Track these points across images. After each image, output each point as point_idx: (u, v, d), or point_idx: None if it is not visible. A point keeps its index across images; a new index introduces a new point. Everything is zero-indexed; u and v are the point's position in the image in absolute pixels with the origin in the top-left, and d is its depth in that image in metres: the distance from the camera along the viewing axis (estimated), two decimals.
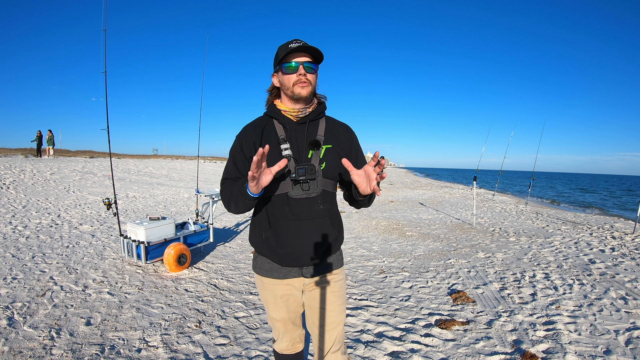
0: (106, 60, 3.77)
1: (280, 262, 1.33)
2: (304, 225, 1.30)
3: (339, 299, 1.40)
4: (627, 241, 5.80)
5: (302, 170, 1.24)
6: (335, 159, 1.33)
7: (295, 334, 1.49)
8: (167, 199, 10.04)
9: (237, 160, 1.35)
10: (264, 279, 1.39)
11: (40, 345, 2.31)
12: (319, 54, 1.26)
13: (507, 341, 2.48)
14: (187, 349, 2.35)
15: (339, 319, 1.39)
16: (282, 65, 1.26)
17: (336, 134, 1.38)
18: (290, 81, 1.26)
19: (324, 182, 1.31)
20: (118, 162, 18.35)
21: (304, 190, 1.28)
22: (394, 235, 6.25)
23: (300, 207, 1.29)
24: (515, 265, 4.35)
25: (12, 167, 11.22)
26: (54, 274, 3.66)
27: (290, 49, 1.22)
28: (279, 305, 1.40)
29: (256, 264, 1.42)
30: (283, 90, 1.31)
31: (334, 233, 1.38)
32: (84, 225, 6.12)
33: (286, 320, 1.44)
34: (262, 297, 1.44)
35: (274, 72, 1.34)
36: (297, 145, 1.30)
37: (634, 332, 2.60)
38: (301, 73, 1.25)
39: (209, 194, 4.71)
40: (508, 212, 9.57)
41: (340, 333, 1.41)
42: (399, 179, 29.14)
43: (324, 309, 1.38)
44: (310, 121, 1.33)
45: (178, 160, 24.90)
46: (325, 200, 1.33)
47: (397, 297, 3.32)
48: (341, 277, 1.43)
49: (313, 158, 1.30)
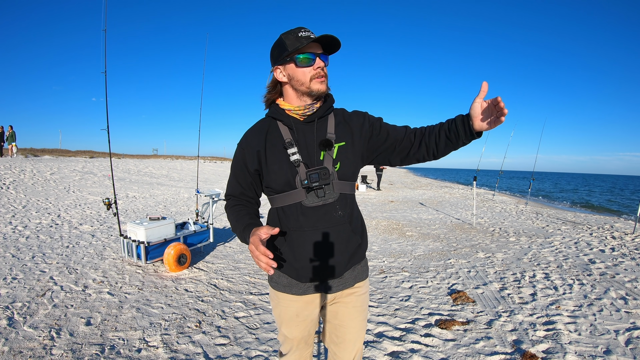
0: (106, 60, 3.77)
1: (298, 277, 1.20)
2: (323, 236, 1.17)
3: (361, 314, 1.28)
4: (627, 241, 5.80)
5: (315, 175, 1.12)
6: (350, 157, 1.20)
7: (306, 352, 1.36)
8: (167, 199, 10.04)
9: (239, 175, 1.25)
10: (280, 295, 1.26)
11: (40, 345, 2.32)
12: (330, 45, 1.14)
13: (507, 341, 2.48)
14: (187, 349, 2.35)
15: (358, 336, 1.28)
16: (295, 57, 1.11)
17: (349, 127, 1.23)
18: (306, 76, 1.13)
19: (340, 185, 1.18)
20: (118, 162, 18.36)
21: (319, 197, 1.15)
22: (394, 235, 6.25)
23: (317, 216, 1.16)
24: (515, 265, 4.35)
25: (12, 167, 11.22)
26: (54, 274, 3.66)
27: (310, 39, 1.09)
28: (294, 324, 1.27)
29: (272, 277, 1.27)
30: (294, 85, 1.16)
31: (357, 240, 1.24)
32: (84, 225, 6.12)
33: (299, 339, 1.31)
34: (276, 313, 1.30)
35: (277, 65, 1.17)
36: (306, 148, 1.17)
37: (634, 332, 2.60)
38: (319, 66, 1.14)
39: (209, 194, 4.71)
40: (508, 212, 9.57)
41: (359, 351, 1.30)
42: (399, 179, 29.14)
43: (343, 327, 1.27)
44: (319, 118, 1.20)
45: (178, 160, 24.90)
46: (344, 204, 1.20)
47: (397, 297, 3.32)
48: (365, 290, 1.30)
49: (325, 160, 1.16)
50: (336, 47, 1.15)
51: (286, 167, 1.16)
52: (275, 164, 1.17)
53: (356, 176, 1.26)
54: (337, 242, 1.19)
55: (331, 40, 1.11)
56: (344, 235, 1.20)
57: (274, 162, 1.17)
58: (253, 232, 1.10)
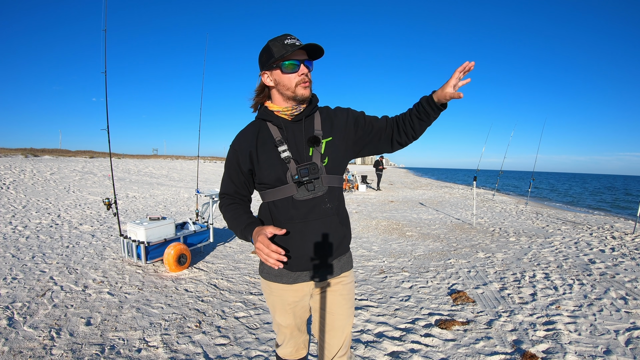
0: (106, 60, 3.77)
1: (289, 267, 1.27)
2: (312, 227, 1.24)
3: (348, 302, 1.36)
4: (627, 241, 5.80)
5: (305, 170, 1.20)
6: (337, 151, 1.28)
7: (300, 340, 1.45)
8: (167, 199, 10.04)
9: (232, 174, 1.32)
10: (272, 284, 1.34)
11: (40, 345, 2.32)
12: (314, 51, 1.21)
13: (507, 341, 2.48)
14: (187, 349, 2.35)
15: (346, 322, 1.36)
16: (281, 64, 1.19)
17: (334, 123, 1.32)
18: (291, 81, 1.21)
19: (328, 179, 1.26)
20: (118, 162, 18.35)
21: (309, 191, 1.23)
22: (394, 235, 6.25)
23: (307, 209, 1.24)
24: (515, 265, 4.35)
25: (12, 167, 11.23)
26: (54, 274, 3.66)
27: (295, 46, 1.16)
28: (287, 311, 1.36)
29: (263, 268, 1.36)
30: (280, 90, 1.24)
31: (343, 231, 1.33)
32: (84, 225, 6.12)
33: (292, 327, 1.40)
34: (269, 302, 1.39)
35: (264, 70, 1.25)
36: (295, 145, 1.24)
37: (634, 332, 2.60)
38: (303, 72, 1.21)
39: (209, 194, 4.71)
40: (508, 212, 9.58)
41: (348, 338, 1.37)
42: (399, 179, 29.15)
43: (332, 313, 1.34)
44: (306, 117, 1.28)
45: (178, 161, 24.90)
46: (332, 197, 1.28)
47: (397, 297, 3.32)
48: (351, 280, 1.39)
49: (314, 155, 1.25)
50: (320, 54, 1.23)
51: (277, 164, 1.23)
52: (267, 161, 1.24)
53: (344, 169, 1.34)
54: (326, 233, 1.27)
55: (315, 47, 1.19)
56: (332, 226, 1.28)
57: (265, 160, 1.25)
58: (257, 231, 1.19)
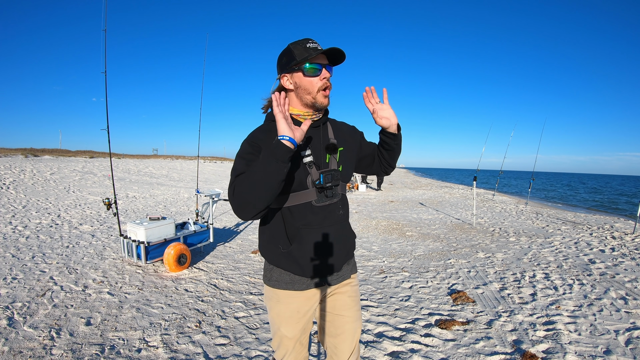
0: (106, 60, 3.77)
1: (302, 273, 1.24)
2: (328, 233, 1.25)
3: (357, 303, 1.37)
4: (627, 241, 5.80)
5: (329, 176, 1.20)
6: (349, 161, 1.32)
7: (301, 355, 1.36)
8: (167, 199, 10.04)
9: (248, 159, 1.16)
10: (280, 293, 1.27)
11: (40, 345, 2.32)
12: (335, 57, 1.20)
13: (507, 341, 2.48)
14: (187, 349, 2.35)
15: (356, 325, 1.34)
16: (303, 66, 1.16)
17: (344, 135, 1.35)
18: (313, 85, 1.18)
19: (342, 186, 1.29)
20: (118, 162, 18.35)
21: (328, 197, 1.23)
22: (394, 235, 6.25)
23: (324, 215, 1.24)
24: (515, 265, 4.35)
25: (12, 167, 11.23)
26: (54, 274, 3.66)
27: (317, 50, 1.14)
28: (295, 321, 1.28)
29: (272, 276, 1.28)
30: (300, 94, 1.21)
31: (352, 235, 1.37)
32: (84, 225, 6.12)
33: (297, 339, 1.32)
34: (274, 312, 1.29)
35: (284, 73, 1.22)
36: (314, 151, 1.23)
37: (634, 332, 2.60)
38: (325, 76, 1.19)
39: (209, 194, 4.71)
40: (508, 212, 9.57)
41: (358, 342, 1.36)
42: (399, 179, 29.14)
43: (342, 316, 1.33)
44: (323, 124, 1.29)
45: (178, 160, 24.90)
46: (344, 204, 1.32)
47: (397, 297, 3.32)
48: (357, 282, 1.41)
49: (331, 162, 1.25)
50: (341, 59, 1.21)
51: (299, 168, 1.21)
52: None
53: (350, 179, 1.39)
54: (339, 238, 1.29)
55: (337, 52, 1.17)
56: (344, 231, 1.32)
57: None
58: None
